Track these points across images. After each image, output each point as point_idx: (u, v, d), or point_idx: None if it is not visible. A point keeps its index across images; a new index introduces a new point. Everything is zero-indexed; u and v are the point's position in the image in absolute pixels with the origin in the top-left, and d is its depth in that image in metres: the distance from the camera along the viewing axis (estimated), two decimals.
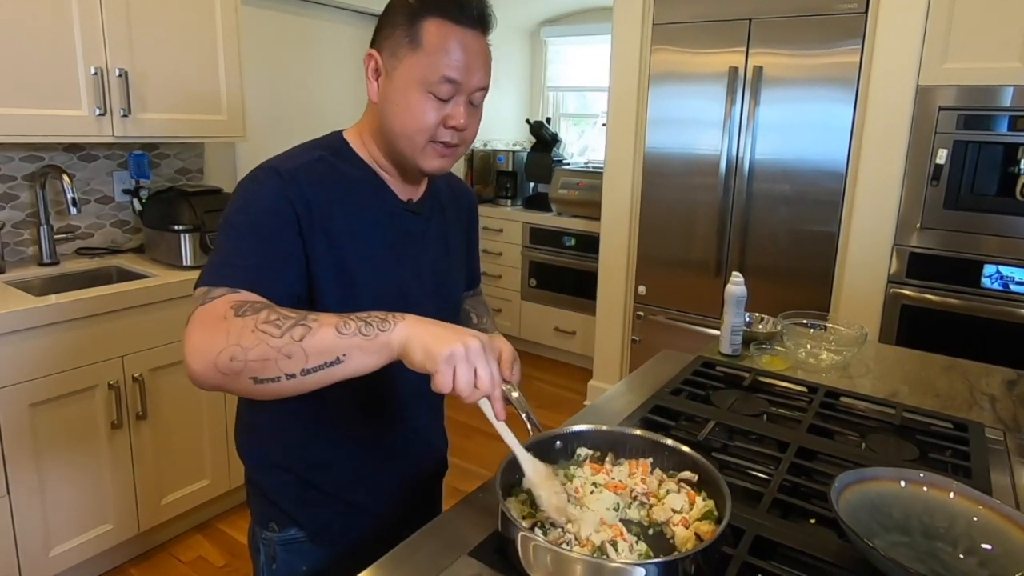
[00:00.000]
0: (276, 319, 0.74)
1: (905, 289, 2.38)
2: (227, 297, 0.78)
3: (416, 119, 0.90)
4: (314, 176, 0.91)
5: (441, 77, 0.87)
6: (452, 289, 1.13)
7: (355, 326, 0.73)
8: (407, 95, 0.89)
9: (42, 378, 1.79)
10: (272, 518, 1.02)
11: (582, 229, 3.73)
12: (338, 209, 0.92)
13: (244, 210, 0.88)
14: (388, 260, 0.97)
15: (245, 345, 0.72)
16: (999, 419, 1.25)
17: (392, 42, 0.90)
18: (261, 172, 0.90)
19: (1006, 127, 2.13)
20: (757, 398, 1.25)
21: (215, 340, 0.73)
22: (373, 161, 0.99)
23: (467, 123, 0.92)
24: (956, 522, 0.81)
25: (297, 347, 0.72)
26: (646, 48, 2.87)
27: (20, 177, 2.21)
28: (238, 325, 0.74)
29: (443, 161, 0.95)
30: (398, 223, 0.99)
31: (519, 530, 0.71)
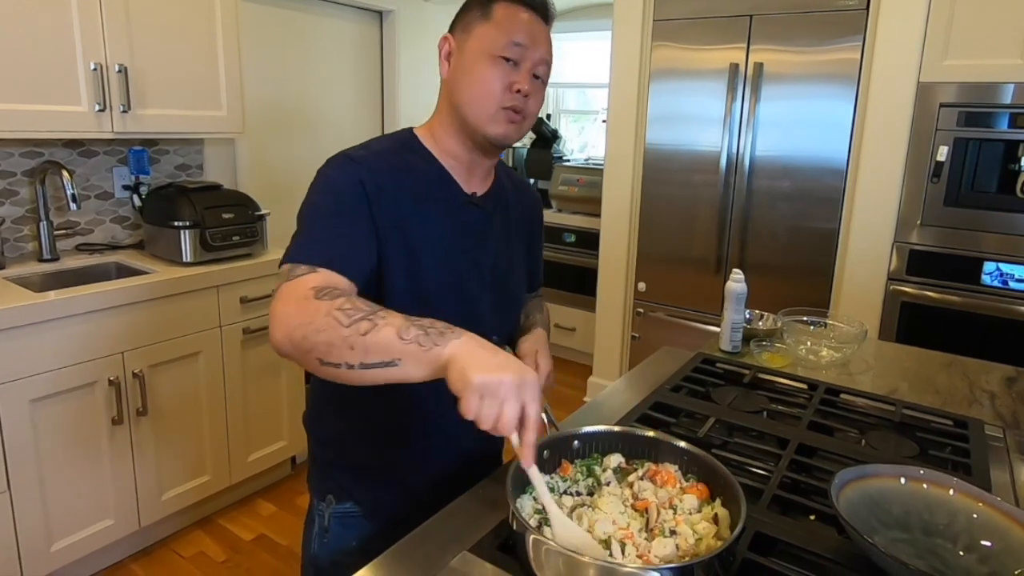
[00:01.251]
0: (349, 308, 0.78)
1: (905, 286, 2.39)
2: (309, 276, 0.85)
3: (485, 83, 0.96)
4: (383, 163, 0.97)
5: (509, 41, 0.95)
6: (512, 286, 1.14)
7: (415, 333, 0.75)
8: (477, 63, 0.96)
9: (42, 374, 1.79)
10: (330, 491, 1.07)
11: (582, 226, 3.73)
12: (405, 196, 0.97)
13: (322, 192, 0.95)
14: (450, 250, 1.01)
15: (317, 327, 0.77)
16: (999, 416, 1.26)
17: (465, 21, 0.99)
18: (336, 159, 0.98)
19: (1007, 124, 2.13)
20: (757, 395, 1.25)
21: (295, 316, 0.80)
22: (441, 154, 1.04)
23: (530, 92, 0.97)
24: (956, 519, 0.81)
25: (360, 340, 0.75)
26: (647, 44, 2.86)
27: (20, 173, 2.21)
28: (315, 307, 0.79)
29: (508, 128, 0.98)
30: (461, 215, 1.03)
31: (530, 532, 0.71)
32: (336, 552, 1.07)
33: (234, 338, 2.26)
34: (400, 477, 1.07)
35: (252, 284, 2.27)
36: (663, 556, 0.72)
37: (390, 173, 0.97)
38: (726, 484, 0.81)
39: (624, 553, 0.72)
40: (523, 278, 1.19)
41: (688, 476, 0.88)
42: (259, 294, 2.29)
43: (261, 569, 2.13)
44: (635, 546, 0.73)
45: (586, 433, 0.93)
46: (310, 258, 0.88)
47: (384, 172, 0.96)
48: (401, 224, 0.96)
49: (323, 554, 1.08)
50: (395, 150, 1.01)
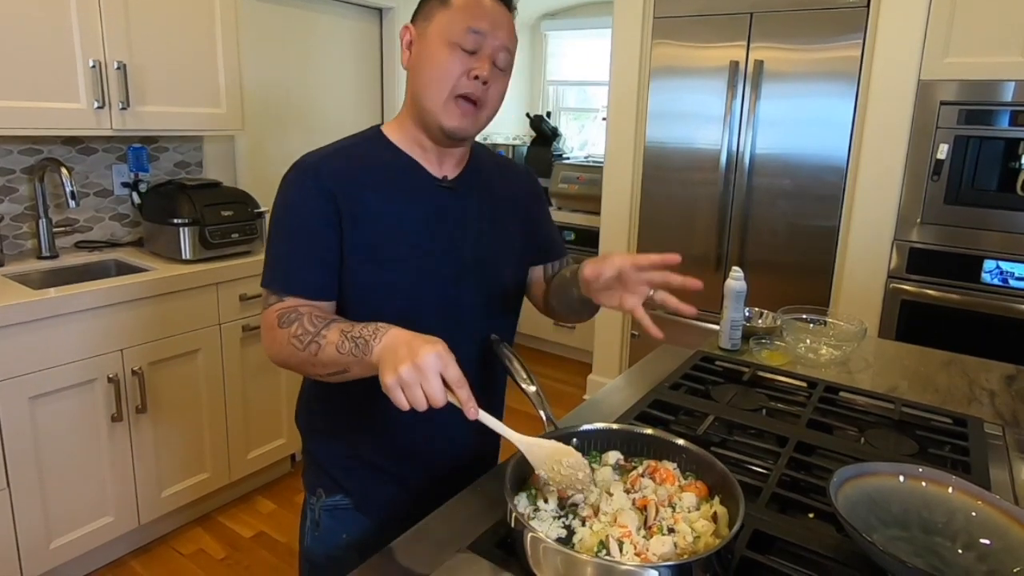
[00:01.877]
0: (300, 334, 0.89)
1: (905, 284, 2.38)
2: (275, 306, 0.95)
3: (442, 68, 0.94)
4: (341, 159, 0.98)
5: (467, 27, 0.93)
6: (499, 269, 1.10)
7: (348, 346, 0.84)
8: (436, 48, 0.95)
9: (42, 371, 1.79)
10: (320, 484, 1.08)
11: (582, 223, 3.72)
12: (366, 190, 0.97)
13: (281, 209, 0.98)
14: (422, 236, 1.00)
15: (286, 354, 0.91)
16: (998, 414, 1.26)
17: (425, 10, 0.98)
18: (293, 171, 0.98)
19: (1007, 122, 2.13)
20: (756, 393, 1.25)
21: (271, 345, 0.94)
22: (408, 145, 1.03)
23: (489, 79, 0.95)
24: (955, 517, 0.81)
25: (316, 359, 0.88)
26: (647, 42, 2.86)
27: (19, 170, 2.20)
28: (280, 337, 0.91)
29: (464, 120, 0.97)
30: (431, 198, 1.02)
31: (528, 530, 0.71)
32: (328, 546, 1.08)
33: (233, 335, 2.26)
34: (389, 467, 1.07)
35: (251, 281, 2.27)
36: (661, 554, 0.71)
37: (348, 167, 0.98)
38: (725, 482, 0.81)
39: (622, 551, 0.72)
40: (513, 258, 1.14)
41: (687, 474, 0.88)
42: (258, 291, 2.28)
43: (260, 566, 2.13)
44: (633, 544, 0.73)
45: (585, 431, 0.93)
46: (275, 285, 0.96)
47: (341, 168, 0.97)
48: (362, 220, 0.96)
49: (316, 548, 1.09)
50: (357, 144, 1.02)
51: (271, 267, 0.97)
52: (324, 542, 1.08)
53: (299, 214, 0.96)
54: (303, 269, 0.96)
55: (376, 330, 0.83)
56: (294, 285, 0.95)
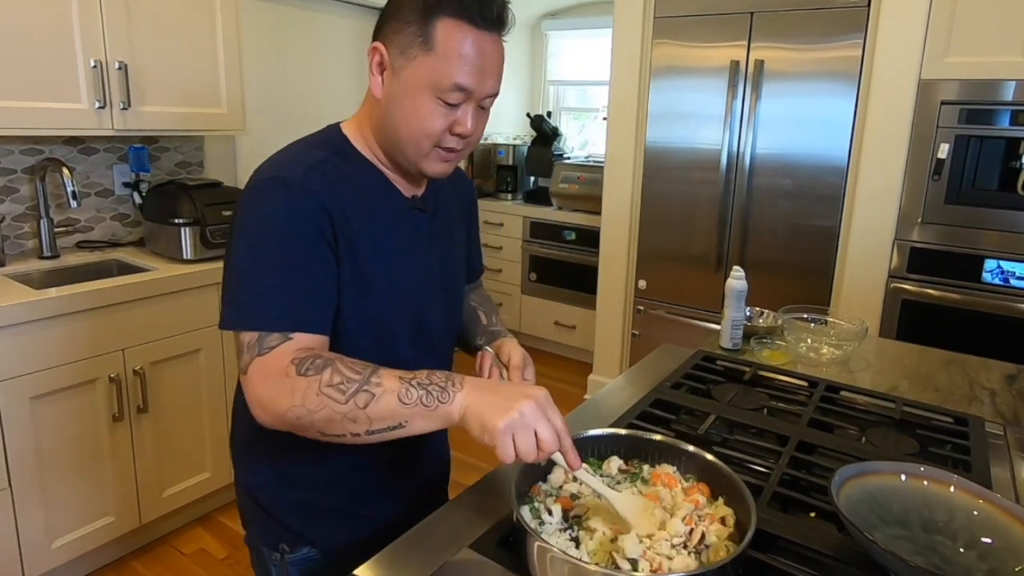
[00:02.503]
0: (340, 382, 0.75)
1: (906, 284, 2.38)
2: (284, 347, 0.79)
3: (423, 125, 0.85)
4: (326, 181, 0.86)
5: (453, 84, 0.83)
6: (457, 283, 1.10)
7: (416, 395, 0.75)
8: (415, 99, 0.84)
9: (43, 371, 1.79)
10: (282, 539, 0.99)
11: (582, 223, 3.73)
12: (353, 215, 0.88)
13: (267, 234, 0.82)
14: (401, 261, 0.94)
15: (311, 407, 0.75)
16: (999, 413, 1.26)
17: (402, 39, 0.84)
18: (270, 186, 0.84)
19: (1008, 121, 2.13)
20: (757, 392, 1.25)
21: (281, 398, 0.77)
22: (376, 158, 0.95)
23: (474, 129, 0.89)
24: (956, 516, 0.81)
25: (362, 413, 0.75)
26: (647, 42, 2.86)
27: (20, 170, 2.21)
28: (303, 386, 0.76)
29: (446, 166, 0.92)
30: (406, 222, 0.96)
31: (535, 539, 0.70)
32: None
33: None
34: (358, 510, 1.00)
35: None
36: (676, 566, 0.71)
37: (333, 192, 0.86)
38: (733, 488, 0.80)
39: (638, 568, 0.70)
40: (463, 272, 1.13)
41: (687, 476, 0.88)
42: None
43: None
44: (648, 560, 0.71)
45: (583, 437, 0.91)
46: (278, 323, 0.80)
47: (328, 191, 0.85)
48: (352, 247, 0.87)
49: None
50: (330, 160, 0.89)
51: (263, 304, 0.81)
52: None
53: (298, 237, 0.82)
54: (314, 300, 0.83)
55: (450, 376, 0.76)
56: (307, 322, 0.81)
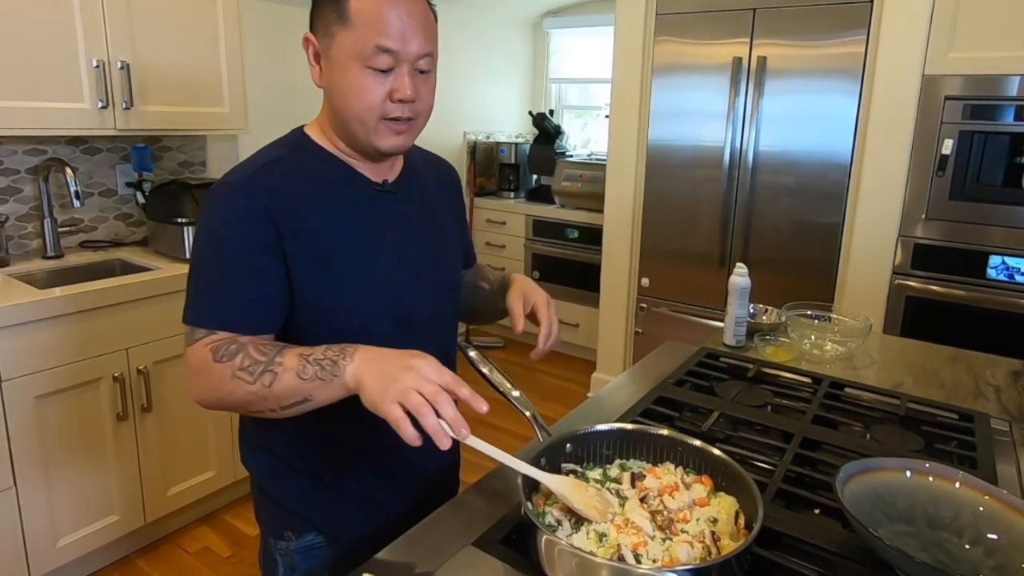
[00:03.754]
0: (249, 365, 0.81)
1: (910, 280, 2.38)
2: (206, 340, 0.85)
3: (360, 97, 0.86)
4: (271, 179, 0.88)
5: (374, 48, 0.83)
6: (447, 271, 1.07)
7: (312, 370, 0.79)
8: (347, 74, 0.86)
9: (47, 370, 1.79)
10: (288, 526, 1.00)
11: (585, 221, 3.72)
12: (305, 205, 0.89)
13: (208, 238, 0.87)
14: (369, 246, 0.93)
15: (228, 390, 0.82)
16: (1005, 410, 1.25)
17: (324, 22, 0.87)
18: (218, 192, 0.88)
19: (1012, 117, 2.12)
20: (761, 389, 1.25)
21: (205, 383, 0.84)
22: (338, 150, 0.95)
23: (415, 93, 0.87)
24: (961, 512, 0.80)
25: (269, 392, 0.80)
26: (649, 39, 2.85)
27: (23, 170, 2.21)
28: (219, 372, 0.82)
29: (399, 139, 0.90)
30: (375, 206, 0.95)
31: (543, 533, 0.70)
32: None
33: None
34: (364, 494, 1.00)
35: None
36: (680, 559, 0.71)
37: (283, 184, 0.88)
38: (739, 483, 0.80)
39: (639, 561, 0.71)
40: (458, 263, 1.12)
41: (688, 469, 0.88)
42: None
43: None
44: (647, 551, 0.72)
45: (580, 435, 0.90)
46: (206, 320, 0.86)
47: (276, 186, 0.88)
48: (307, 237, 0.88)
49: None
50: (284, 158, 0.92)
51: (198, 302, 0.87)
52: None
53: (231, 240, 0.86)
54: (240, 303, 0.86)
55: (343, 349, 0.79)
56: (232, 322, 0.86)
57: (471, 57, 4.13)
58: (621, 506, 0.80)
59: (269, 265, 0.87)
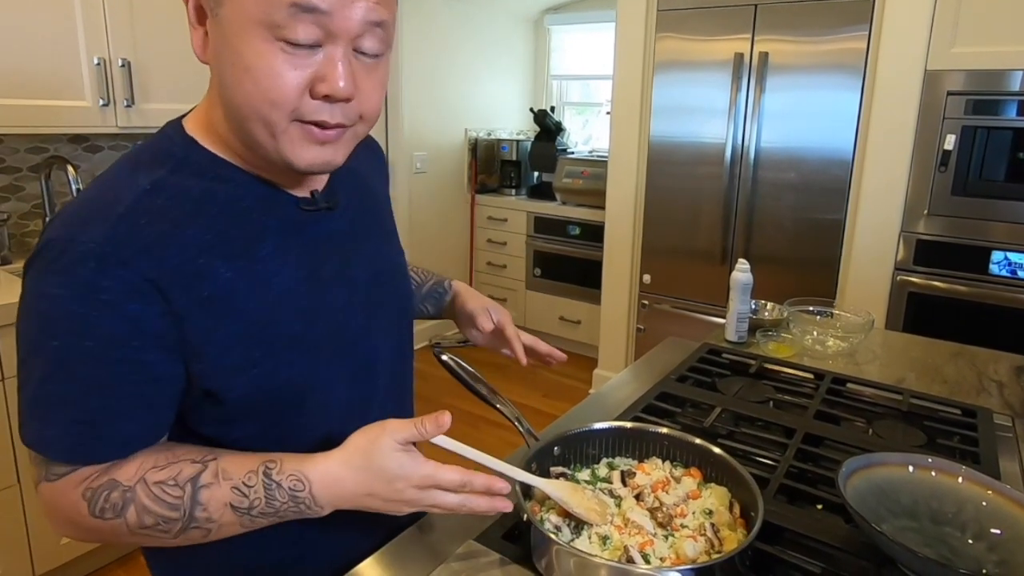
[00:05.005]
0: (153, 524, 0.59)
1: (912, 276, 2.37)
2: (71, 479, 0.60)
3: (261, 83, 0.56)
4: (151, 230, 0.58)
5: (289, 6, 0.54)
6: (399, 286, 0.85)
7: (267, 521, 0.62)
8: (243, 46, 0.56)
9: None
10: None
11: (587, 218, 3.72)
12: (211, 257, 0.61)
13: (46, 329, 0.58)
14: (313, 293, 0.69)
15: (125, 542, 0.63)
16: (1007, 405, 1.25)
17: None
18: (57, 256, 0.57)
19: (1015, 112, 2.11)
20: (763, 385, 1.25)
21: (89, 534, 0.62)
22: (239, 157, 0.66)
23: (353, 87, 0.58)
24: (965, 507, 0.80)
25: (206, 542, 0.63)
26: (650, 35, 2.84)
27: (25, 168, 2.21)
28: (108, 528, 0.60)
29: (323, 151, 0.61)
30: (307, 235, 0.69)
31: (541, 532, 0.70)
32: None
33: None
34: None
35: None
36: (688, 555, 0.71)
37: (170, 234, 0.59)
38: (739, 480, 0.80)
39: (648, 562, 0.70)
40: (405, 263, 0.89)
41: (676, 464, 0.88)
42: None
43: None
44: (653, 550, 0.72)
45: (567, 436, 0.89)
46: (56, 450, 0.60)
47: (160, 241, 0.59)
48: (222, 301, 0.61)
49: None
50: (165, 182, 0.62)
51: (42, 419, 0.59)
52: None
53: (92, 336, 0.57)
54: (109, 426, 0.59)
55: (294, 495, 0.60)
56: (92, 452, 0.60)
57: (472, 54, 4.12)
58: (617, 506, 0.80)
59: (154, 365, 0.59)
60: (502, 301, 4.16)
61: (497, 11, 4.23)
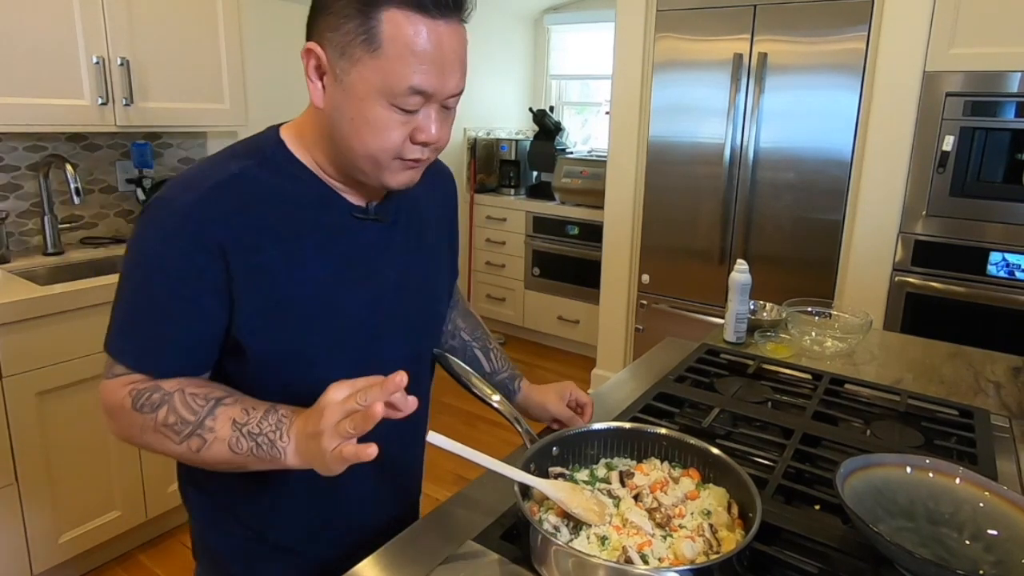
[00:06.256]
0: (174, 423, 0.73)
1: (910, 277, 2.38)
2: (124, 380, 0.76)
3: (378, 138, 0.73)
4: (230, 201, 0.75)
5: (408, 88, 0.71)
6: (427, 304, 0.95)
7: (247, 445, 0.71)
8: (365, 109, 0.72)
9: (49, 367, 1.79)
10: (224, 572, 0.91)
11: (585, 218, 3.72)
12: (268, 237, 0.76)
13: (141, 263, 0.75)
14: (340, 289, 0.81)
15: (149, 441, 0.75)
16: (1004, 406, 1.25)
17: (341, 38, 0.71)
18: (160, 211, 0.74)
19: (1013, 113, 2.12)
20: (761, 385, 1.25)
21: (124, 425, 0.76)
22: (316, 166, 0.81)
23: (439, 134, 0.76)
24: (962, 508, 0.81)
25: (196, 456, 0.74)
26: (650, 35, 2.85)
27: (24, 167, 2.21)
28: (138, 422, 0.74)
29: (410, 174, 0.79)
30: (351, 239, 0.83)
31: (539, 533, 0.70)
32: None
33: None
34: (300, 549, 0.89)
35: None
36: (686, 555, 0.71)
37: (243, 210, 0.75)
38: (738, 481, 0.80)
39: (647, 562, 0.71)
40: (445, 289, 1.00)
41: (674, 464, 0.88)
42: None
43: None
44: (652, 551, 0.72)
45: (566, 437, 0.89)
46: (125, 356, 0.76)
47: (234, 213, 0.74)
48: (265, 275, 0.76)
49: None
50: (248, 172, 0.77)
51: (122, 333, 0.76)
52: None
53: (168, 273, 0.73)
54: (165, 347, 0.76)
55: (279, 422, 0.71)
56: (151, 363, 0.76)
57: (471, 53, 4.06)
58: (616, 506, 0.80)
59: (209, 308, 0.75)
60: (500, 301, 4.16)
61: (497, 10, 4.23)
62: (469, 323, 1.10)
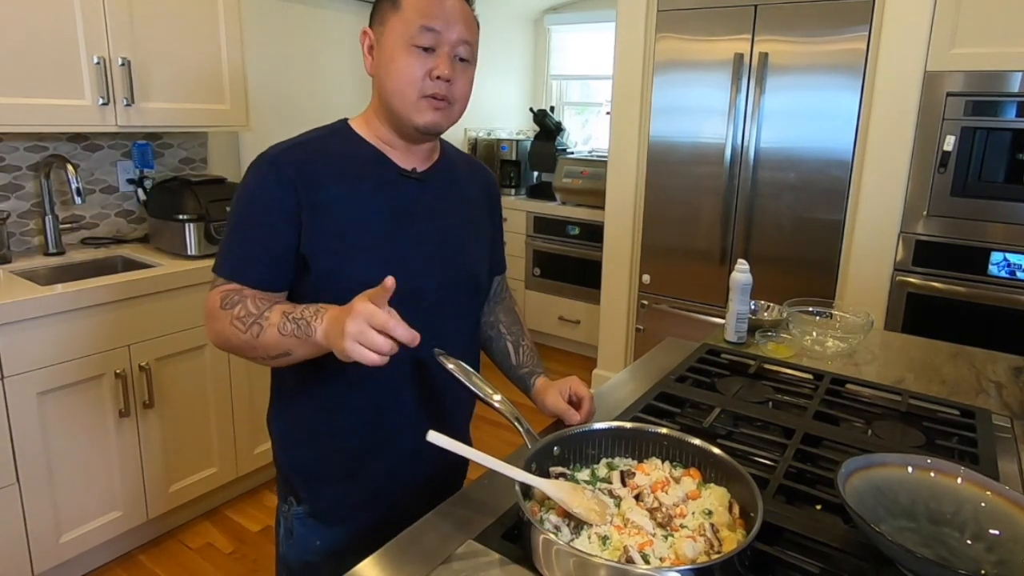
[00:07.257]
0: (243, 315, 0.91)
1: (911, 277, 2.37)
2: (221, 288, 0.95)
3: (403, 73, 0.95)
4: (301, 154, 0.98)
5: (419, 27, 0.94)
6: (469, 264, 1.10)
7: (290, 327, 0.87)
8: (394, 54, 0.96)
9: (49, 367, 1.79)
10: (290, 493, 1.07)
11: (586, 218, 3.72)
12: (330, 180, 0.97)
13: (239, 200, 0.98)
14: (386, 228, 0.99)
15: (228, 335, 0.92)
16: (1006, 406, 1.25)
17: (380, 14, 0.99)
18: (256, 161, 0.98)
19: (1014, 113, 2.11)
20: (762, 385, 1.25)
21: (214, 325, 0.95)
22: (375, 138, 1.03)
23: (452, 75, 0.96)
24: (963, 507, 0.80)
25: (256, 342, 0.90)
26: (650, 35, 2.84)
27: (25, 167, 2.21)
28: (222, 318, 0.92)
29: (436, 115, 0.97)
30: (398, 190, 1.02)
31: (540, 533, 0.70)
32: (303, 552, 1.07)
33: None
34: (357, 472, 1.05)
35: None
36: (687, 555, 0.71)
37: (311, 157, 0.98)
38: (739, 480, 0.80)
39: (648, 562, 0.70)
40: (484, 257, 1.15)
41: (675, 464, 0.88)
42: None
43: (268, 560, 2.14)
44: (653, 551, 0.72)
45: (566, 436, 0.90)
46: (222, 270, 0.97)
47: (303, 158, 0.97)
48: (325, 210, 0.96)
49: (291, 555, 1.09)
50: (322, 137, 1.02)
51: (222, 254, 0.98)
52: (298, 549, 1.08)
53: (255, 205, 0.96)
54: (252, 260, 0.96)
55: (317, 311, 0.86)
56: (241, 274, 0.95)
57: None
58: (617, 506, 0.80)
59: (284, 231, 0.95)
60: None
61: (497, 11, 4.23)
62: (509, 318, 1.24)
